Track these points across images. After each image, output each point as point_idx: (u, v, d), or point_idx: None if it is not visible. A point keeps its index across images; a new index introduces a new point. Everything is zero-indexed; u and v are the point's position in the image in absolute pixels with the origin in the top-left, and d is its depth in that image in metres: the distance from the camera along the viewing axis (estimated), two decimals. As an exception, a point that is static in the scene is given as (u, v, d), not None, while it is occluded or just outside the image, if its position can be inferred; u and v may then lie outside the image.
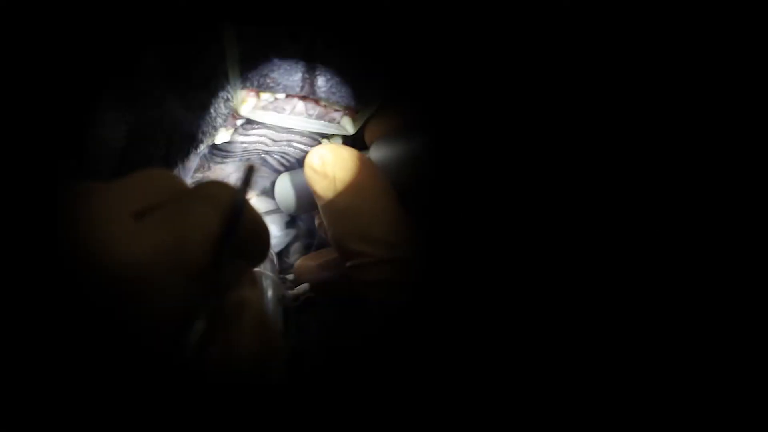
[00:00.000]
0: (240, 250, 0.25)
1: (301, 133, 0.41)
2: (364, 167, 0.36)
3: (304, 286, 0.42)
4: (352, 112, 0.40)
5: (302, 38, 0.37)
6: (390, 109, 0.39)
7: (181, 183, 0.26)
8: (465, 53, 0.35)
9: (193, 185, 0.25)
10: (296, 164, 0.44)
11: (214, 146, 0.41)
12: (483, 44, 0.34)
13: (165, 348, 0.21)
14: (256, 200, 0.48)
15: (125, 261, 0.20)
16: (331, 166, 0.36)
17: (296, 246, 0.48)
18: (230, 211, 0.23)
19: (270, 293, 0.39)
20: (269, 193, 0.47)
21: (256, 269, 0.39)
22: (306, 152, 0.40)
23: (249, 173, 0.24)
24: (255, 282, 0.27)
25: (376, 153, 0.38)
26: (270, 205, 0.47)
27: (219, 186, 0.25)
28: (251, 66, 0.36)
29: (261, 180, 0.46)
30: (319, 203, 0.37)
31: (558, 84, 0.31)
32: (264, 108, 0.38)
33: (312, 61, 0.37)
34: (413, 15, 0.36)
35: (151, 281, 0.21)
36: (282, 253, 0.48)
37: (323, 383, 0.37)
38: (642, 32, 0.30)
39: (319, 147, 0.37)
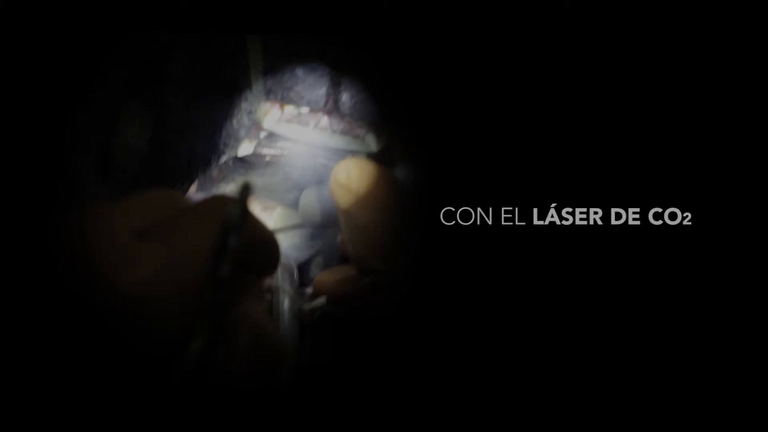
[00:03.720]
0: (245, 263, 0.25)
1: (325, 148, 0.41)
2: (389, 184, 0.36)
3: (321, 299, 0.41)
4: (377, 128, 0.40)
5: (329, 53, 0.37)
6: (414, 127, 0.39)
7: (183, 200, 0.26)
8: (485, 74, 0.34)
9: (194, 202, 0.25)
10: (320, 179, 0.44)
11: (237, 158, 0.41)
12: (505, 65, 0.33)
13: (165, 362, 0.21)
14: (281, 213, 0.48)
15: (125, 281, 0.20)
16: (356, 181, 0.35)
17: (318, 260, 0.48)
18: (226, 228, 0.23)
19: (286, 306, 0.39)
20: (295, 206, 0.47)
21: (273, 283, 0.39)
22: (329, 167, 0.40)
23: (245, 191, 0.23)
24: (261, 295, 0.27)
25: (402, 170, 0.38)
26: (295, 219, 0.47)
27: (217, 201, 0.24)
28: (275, 78, 0.37)
29: (286, 194, 0.46)
30: (342, 218, 0.37)
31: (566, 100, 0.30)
32: (288, 121, 0.38)
33: (337, 77, 0.37)
34: (441, 31, 0.36)
35: (151, 300, 0.21)
36: (304, 266, 0.48)
37: (332, 395, 0.37)
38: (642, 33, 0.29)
39: (345, 161, 0.37)
